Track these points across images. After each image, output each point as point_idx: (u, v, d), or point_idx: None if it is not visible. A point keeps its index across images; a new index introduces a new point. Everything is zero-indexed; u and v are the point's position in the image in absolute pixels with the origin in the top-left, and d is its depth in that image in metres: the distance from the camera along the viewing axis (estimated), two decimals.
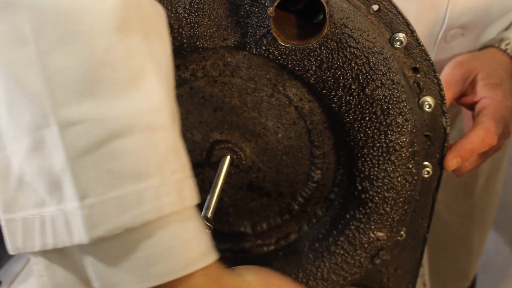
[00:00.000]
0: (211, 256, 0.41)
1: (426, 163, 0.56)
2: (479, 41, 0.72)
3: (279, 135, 0.56)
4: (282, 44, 0.48)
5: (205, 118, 0.56)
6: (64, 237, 0.37)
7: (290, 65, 0.51)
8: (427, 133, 0.55)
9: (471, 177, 1.15)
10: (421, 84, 0.53)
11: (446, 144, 0.56)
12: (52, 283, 0.41)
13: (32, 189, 0.37)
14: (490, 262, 1.63)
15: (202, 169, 0.59)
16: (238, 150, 0.57)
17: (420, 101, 0.53)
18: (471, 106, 0.65)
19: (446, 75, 0.64)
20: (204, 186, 0.60)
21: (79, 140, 0.36)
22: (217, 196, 0.52)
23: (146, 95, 0.38)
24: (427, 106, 0.53)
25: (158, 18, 0.42)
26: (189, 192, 0.40)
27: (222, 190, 0.54)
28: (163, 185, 0.37)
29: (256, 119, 0.56)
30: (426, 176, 0.56)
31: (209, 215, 0.50)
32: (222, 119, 0.56)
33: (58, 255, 0.40)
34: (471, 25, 0.68)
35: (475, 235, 1.28)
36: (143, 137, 0.37)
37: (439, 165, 0.57)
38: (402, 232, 0.60)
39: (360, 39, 0.49)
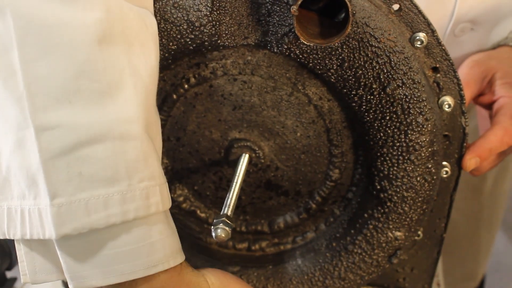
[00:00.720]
0: (176, 258, 0.42)
1: (444, 163, 0.56)
2: (490, 37, 0.72)
3: (298, 134, 0.57)
4: (305, 43, 0.48)
5: (224, 116, 0.56)
6: (38, 230, 0.39)
7: (311, 64, 0.51)
8: (446, 133, 0.55)
9: (480, 177, 1.15)
10: (441, 83, 0.53)
11: (464, 144, 0.56)
12: (30, 269, 0.43)
13: (16, 181, 0.40)
14: (499, 262, 1.63)
15: (220, 167, 0.59)
16: (257, 149, 0.57)
17: (440, 100, 0.53)
18: (488, 105, 0.65)
19: (465, 75, 0.64)
20: (221, 184, 0.60)
21: (53, 143, 0.38)
22: (236, 194, 0.52)
23: (121, 106, 0.40)
24: (447, 106, 0.53)
25: (145, 30, 0.44)
26: (157, 199, 0.41)
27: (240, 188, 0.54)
28: (130, 191, 0.39)
29: (275, 117, 0.56)
30: (445, 176, 0.56)
31: (229, 213, 0.50)
32: (241, 118, 0.56)
33: (38, 244, 0.43)
34: (480, 19, 0.68)
35: (483, 236, 1.27)
36: (114, 145, 0.39)
37: (458, 165, 0.57)
38: (419, 232, 0.60)
39: (381, 38, 0.49)
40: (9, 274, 0.82)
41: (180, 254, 0.43)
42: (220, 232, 0.48)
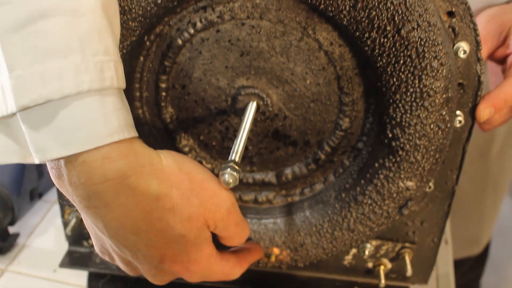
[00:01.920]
0: (130, 132, 0.43)
1: (458, 112, 0.54)
2: None
3: (307, 82, 0.55)
4: None
5: (231, 63, 0.55)
6: (2, 107, 0.41)
7: (322, 6, 0.49)
8: (461, 81, 0.53)
9: (487, 140, 1.14)
10: (457, 29, 0.51)
11: (479, 93, 0.54)
12: None
13: None
14: (505, 227, 1.63)
15: (227, 116, 0.58)
16: (265, 96, 0.55)
17: (455, 47, 0.51)
18: (502, 60, 0.63)
19: (481, 30, 0.62)
20: (228, 134, 0.59)
21: (6, 18, 0.39)
22: (244, 141, 0.50)
23: None
24: (462, 52, 0.51)
25: None
26: (111, 74, 0.42)
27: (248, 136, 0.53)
28: (83, 63, 0.40)
29: (284, 64, 0.54)
30: (458, 125, 0.55)
31: (237, 159, 0.48)
32: (248, 64, 0.55)
33: (2, 126, 0.46)
34: None
35: (488, 200, 1.27)
36: (66, 18, 0.40)
37: (471, 115, 0.55)
38: (430, 184, 0.58)
39: None
40: (11, 230, 0.81)
41: (133, 130, 0.44)
42: (228, 177, 0.47)
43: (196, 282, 0.51)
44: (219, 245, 0.51)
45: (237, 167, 0.47)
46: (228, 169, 0.46)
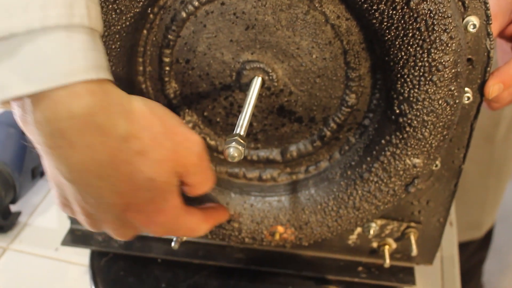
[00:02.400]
0: (99, 73, 0.41)
1: (466, 89, 0.53)
2: None
3: (314, 56, 0.54)
4: None
5: (236, 36, 0.54)
6: None
7: None
8: (469, 56, 0.52)
9: (492, 125, 1.13)
10: (466, 2, 0.50)
11: (488, 69, 0.53)
12: None
13: None
14: (509, 213, 1.62)
15: (231, 91, 0.57)
16: (270, 71, 0.54)
17: (464, 21, 0.50)
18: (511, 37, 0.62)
19: (492, 5, 0.61)
20: (232, 110, 0.58)
21: None
22: (249, 116, 0.49)
23: None
24: (472, 27, 0.50)
25: None
26: (82, 12, 0.40)
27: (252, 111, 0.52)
28: None
29: (290, 38, 0.53)
30: (466, 102, 0.54)
31: (242, 133, 0.47)
32: (254, 38, 0.53)
33: None
34: None
35: (491, 185, 1.26)
36: None
37: (480, 92, 0.54)
38: (437, 162, 0.58)
39: None
40: (13, 208, 0.81)
41: (105, 73, 0.42)
42: (233, 151, 0.46)
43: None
44: (185, 201, 0.50)
45: (242, 141, 0.46)
46: (233, 143, 0.45)
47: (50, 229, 0.79)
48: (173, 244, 0.55)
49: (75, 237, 0.70)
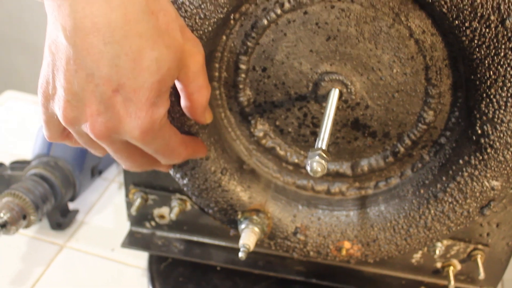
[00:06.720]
0: None
1: None
2: None
3: (394, 71, 0.53)
4: None
5: (316, 47, 0.53)
6: None
7: None
8: None
9: None
10: None
11: None
12: None
13: None
14: None
15: (306, 102, 0.56)
16: (349, 84, 0.53)
17: None
18: None
19: None
20: (305, 121, 0.57)
21: None
22: (330, 129, 0.49)
23: None
24: None
25: None
26: None
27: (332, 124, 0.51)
28: None
29: (371, 51, 0.52)
30: None
31: (324, 147, 0.46)
32: (334, 49, 0.53)
33: None
34: None
35: None
36: None
37: None
38: None
39: None
40: (71, 206, 0.81)
41: None
42: (316, 165, 0.45)
43: None
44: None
45: (325, 156, 0.45)
46: (317, 157, 0.45)
47: (107, 229, 0.79)
48: (240, 254, 0.54)
49: (135, 239, 0.69)
